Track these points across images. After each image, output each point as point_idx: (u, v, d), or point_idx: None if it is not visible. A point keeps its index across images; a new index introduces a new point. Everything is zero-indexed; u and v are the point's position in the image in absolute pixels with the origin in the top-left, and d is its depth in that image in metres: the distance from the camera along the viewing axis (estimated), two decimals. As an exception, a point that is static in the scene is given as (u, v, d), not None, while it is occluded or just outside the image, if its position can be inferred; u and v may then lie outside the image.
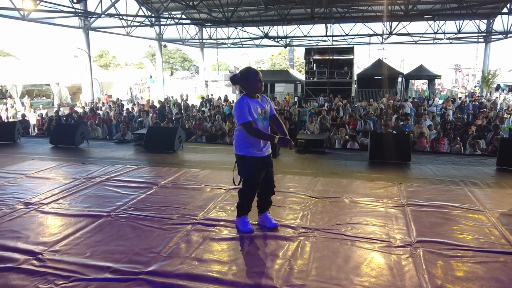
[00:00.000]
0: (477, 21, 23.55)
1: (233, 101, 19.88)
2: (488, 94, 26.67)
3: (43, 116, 15.45)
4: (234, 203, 4.09)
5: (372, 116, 13.54)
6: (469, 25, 23.95)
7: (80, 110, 16.24)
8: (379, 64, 26.85)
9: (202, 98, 23.13)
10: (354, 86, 26.64)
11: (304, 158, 6.90)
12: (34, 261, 3.01)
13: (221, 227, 3.64)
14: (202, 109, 17.43)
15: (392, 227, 3.64)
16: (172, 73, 46.52)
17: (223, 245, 3.27)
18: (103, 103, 22.05)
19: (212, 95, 24.90)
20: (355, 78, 26.72)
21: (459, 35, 24.53)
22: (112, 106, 18.28)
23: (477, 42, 28.28)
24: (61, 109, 18.47)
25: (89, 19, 20.16)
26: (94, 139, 9.48)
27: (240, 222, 3.54)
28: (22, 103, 22.70)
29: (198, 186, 5.00)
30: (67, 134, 8.13)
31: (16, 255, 3.09)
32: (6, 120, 14.80)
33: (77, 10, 17.22)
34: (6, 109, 19.10)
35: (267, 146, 3.42)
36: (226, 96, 21.79)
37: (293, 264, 2.96)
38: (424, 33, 24.77)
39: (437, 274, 2.83)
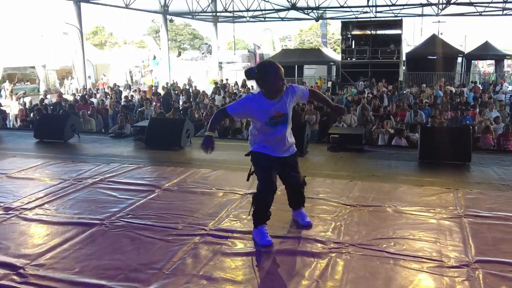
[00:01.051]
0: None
1: (252, 87, 19.91)
2: None
3: (27, 105, 15.83)
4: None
5: (425, 105, 13.34)
6: (550, -9, 23.21)
7: (70, 98, 16.59)
8: (433, 40, 26.42)
9: (215, 83, 23.28)
10: (403, 68, 26.28)
11: (338, 157, 6.86)
12: (14, 277, 3.10)
13: (235, 239, 3.67)
14: (214, 96, 17.54)
15: (446, 243, 3.59)
16: (179, 54, 46.85)
17: (237, 261, 3.30)
18: (97, 89, 22.48)
19: (227, 79, 25.03)
20: (404, 58, 26.34)
21: (537, 4, 23.81)
22: (109, 93, 18.60)
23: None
24: (48, 96, 18.90)
25: (81, -12, 20.56)
26: (86, 133, 9.68)
27: (257, 234, 3.58)
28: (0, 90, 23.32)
29: (208, 189, 5.05)
30: (55, 126, 8.33)
31: (-6, 269, 3.20)
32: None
33: (67, -22, 17.59)
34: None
35: (284, 148, 3.53)
36: (244, 81, 21.86)
37: (321, 287, 2.96)
38: (491, 2, 24.14)
39: (501, 302, 2.79)
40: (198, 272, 3.14)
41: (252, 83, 21.54)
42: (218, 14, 30.76)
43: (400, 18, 26.65)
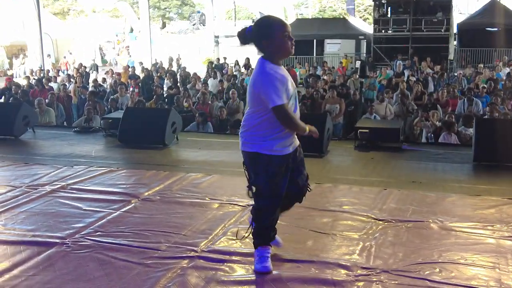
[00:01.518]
0: None
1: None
2: None
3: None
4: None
5: (483, 92, 13.27)
6: None
7: (23, 82, 16.65)
8: (493, 7, 26.23)
9: (210, 63, 23.29)
10: (453, 43, 26.15)
11: (367, 158, 6.86)
12: (-49, 310, 3.13)
13: (234, 263, 3.68)
14: (208, 80, 17.54)
15: (507, 269, 3.59)
16: (164, 25, 46.98)
17: (236, 292, 3.32)
18: (58, 70, 22.56)
19: (225, 58, 25.03)
20: (455, 30, 26.20)
21: None
22: (74, 75, 18.61)
23: None
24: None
25: None
26: (43, 126, 9.73)
27: (255, 256, 3.57)
28: None
29: (200, 200, 5.06)
30: (3, 118, 8.36)
31: None
32: None
33: None
34: None
35: (292, 138, 3.48)
36: (247, 60, 21.88)
37: (345, 324, 2.98)
38: None
39: None
40: (186, 305, 3.16)
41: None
42: (213, -27, 30.81)
43: (450, -23, 26.52)
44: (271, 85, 3.21)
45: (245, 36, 3.36)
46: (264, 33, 3.31)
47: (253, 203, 3.53)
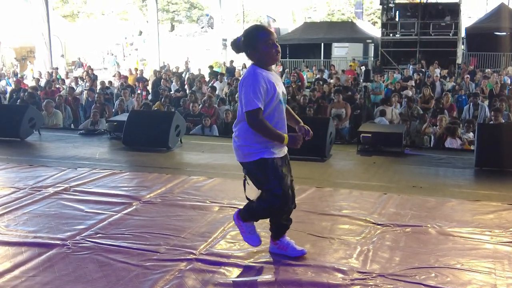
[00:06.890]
0: None
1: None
2: None
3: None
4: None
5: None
6: None
7: (31, 84, 16.76)
8: (501, 11, 26.14)
9: (210, 67, 23.33)
10: (461, 47, 26.08)
11: (369, 163, 6.87)
12: (-49, 310, 3.18)
13: (231, 266, 3.72)
14: (214, 84, 17.54)
15: (503, 275, 3.60)
16: (173, 28, 47.13)
17: (232, 295, 3.35)
18: (67, 73, 22.66)
19: (231, 61, 25.05)
20: (463, 34, 26.13)
21: None
22: (84, 78, 18.65)
23: None
24: (2, 82, 19.13)
25: None
26: (49, 129, 9.82)
27: (244, 227, 3.75)
28: None
29: (201, 203, 5.11)
30: (9, 120, 8.44)
31: None
32: None
33: None
34: None
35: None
36: (254, 63, 21.81)
37: (338, 328, 3.00)
38: None
39: None
40: (182, 307, 3.19)
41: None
42: (222, -24, 30.89)
43: (458, -19, 26.46)
44: (253, 85, 3.39)
45: (237, 45, 3.57)
46: (249, 43, 3.49)
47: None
